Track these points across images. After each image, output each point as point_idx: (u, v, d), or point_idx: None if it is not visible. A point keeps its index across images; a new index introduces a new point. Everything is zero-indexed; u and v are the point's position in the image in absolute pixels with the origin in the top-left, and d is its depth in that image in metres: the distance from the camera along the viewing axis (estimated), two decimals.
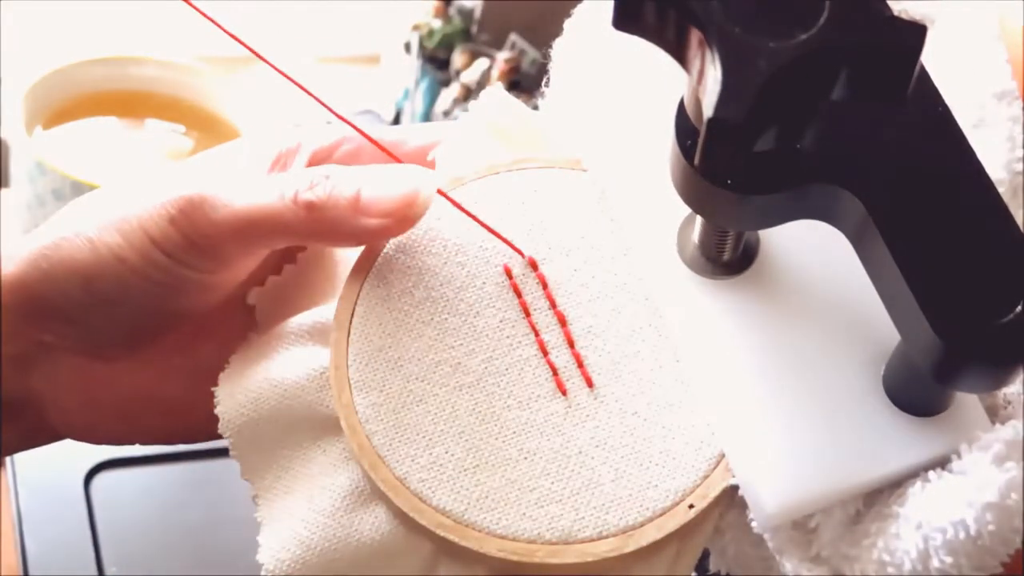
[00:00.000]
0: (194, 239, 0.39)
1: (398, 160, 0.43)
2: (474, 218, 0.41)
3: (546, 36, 0.45)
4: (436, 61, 1.19)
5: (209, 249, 0.40)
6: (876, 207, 0.33)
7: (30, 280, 0.41)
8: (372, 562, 0.38)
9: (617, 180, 0.42)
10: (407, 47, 1.22)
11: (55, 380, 0.43)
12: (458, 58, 1.16)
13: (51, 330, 0.42)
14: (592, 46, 0.43)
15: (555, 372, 0.39)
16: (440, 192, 0.41)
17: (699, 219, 0.39)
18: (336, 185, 0.39)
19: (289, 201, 0.39)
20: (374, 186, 0.39)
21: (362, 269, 0.41)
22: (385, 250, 0.41)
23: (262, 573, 0.38)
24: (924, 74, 0.34)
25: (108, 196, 0.42)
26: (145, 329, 0.42)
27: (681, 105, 0.35)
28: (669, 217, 0.40)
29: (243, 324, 0.44)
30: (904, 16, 0.32)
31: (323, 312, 0.41)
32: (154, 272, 0.40)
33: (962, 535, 0.32)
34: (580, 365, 0.39)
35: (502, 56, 1.12)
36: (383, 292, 0.40)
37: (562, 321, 0.40)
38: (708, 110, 0.31)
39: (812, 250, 0.39)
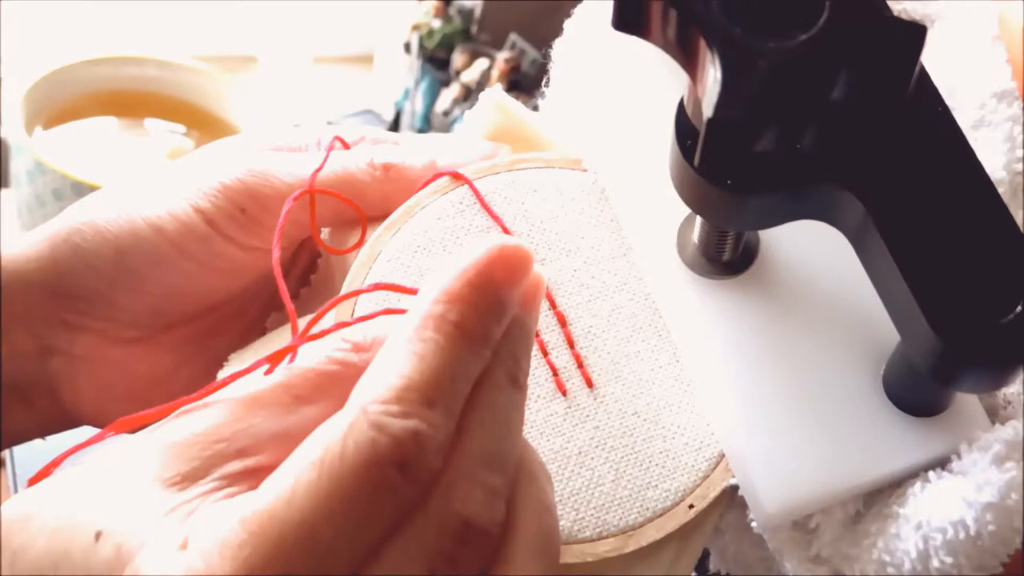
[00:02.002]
0: (247, 206, 0.41)
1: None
2: (490, 211, 0.41)
3: (546, 36, 0.45)
4: (436, 61, 1.19)
5: (261, 218, 0.41)
6: (876, 207, 0.33)
7: (59, 255, 0.41)
8: None
9: (617, 180, 0.42)
10: (407, 47, 1.22)
11: (72, 362, 0.43)
12: (458, 58, 1.16)
13: (74, 308, 0.42)
14: (592, 46, 0.43)
15: (555, 372, 0.39)
16: (465, 180, 0.41)
17: (699, 219, 0.39)
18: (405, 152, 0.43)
19: (366, 166, 0.42)
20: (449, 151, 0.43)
21: (362, 269, 0.41)
22: (385, 251, 0.41)
23: None
24: (924, 74, 0.34)
25: (148, 175, 0.43)
26: (166, 312, 0.43)
27: (681, 105, 0.35)
28: (669, 217, 0.40)
29: (257, 324, 0.44)
30: (904, 16, 0.32)
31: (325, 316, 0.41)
32: (190, 243, 0.41)
33: (962, 535, 0.32)
34: (580, 365, 0.39)
35: (502, 56, 1.12)
36: (383, 292, 0.40)
37: (562, 321, 0.40)
38: (708, 110, 0.31)
39: (812, 250, 0.39)
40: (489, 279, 0.30)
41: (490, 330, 0.30)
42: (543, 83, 0.45)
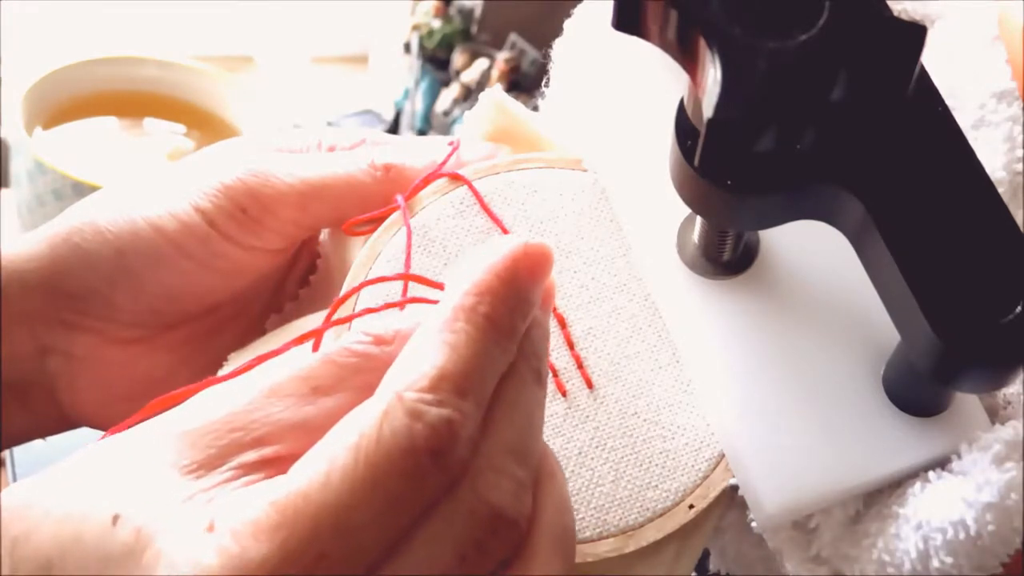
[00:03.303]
0: (247, 206, 0.41)
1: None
2: (489, 212, 0.41)
3: (546, 36, 0.45)
4: (436, 61, 1.19)
5: (261, 218, 0.41)
6: (876, 207, 0.33)
7: (59, 255, 0.41)
8: None
9: (617, 180, 0.42)
10: (407, 47, 1.22)
11: (71, 362, 0.43)
12: (458, 58, 1.16)
13: (74, 308, 0.42)
14: (592, 46, 0.43)
15: (555, 374, 0.39)
16: (465, 181, 0.41)
17: (699, 219, 0.39)
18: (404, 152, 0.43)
19: (367, 166, 0.42)
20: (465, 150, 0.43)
21: (362, 269, 0.41)
22: (384, 251, 0.41)
23: None
24: (924, 74, 0.34)
25: (149, 176, 0.43)
26: (166, 312, 0.43)
27: (681, 105, 0.35)
28: (669, 217, 0.40)
29: (256, 325, 0.45)
30: (904, 16, 0.32)
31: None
32: (190, 243, 0.41)
33: (962, 535, 0.32)
34: (580, 367, 0.39)
35: (502, 56, 1.12)
36: (383, 293, 0.40)
37: (562, 323, 0.40)
38: (708, 111, 0.31)
39: (812, 250, 0.39)
40: (516, 275, 0.31)
41: (516, 325, 0.31)
42: (543, 83, 0.45)
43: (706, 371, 0.38)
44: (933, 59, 0.41)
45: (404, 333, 0.32)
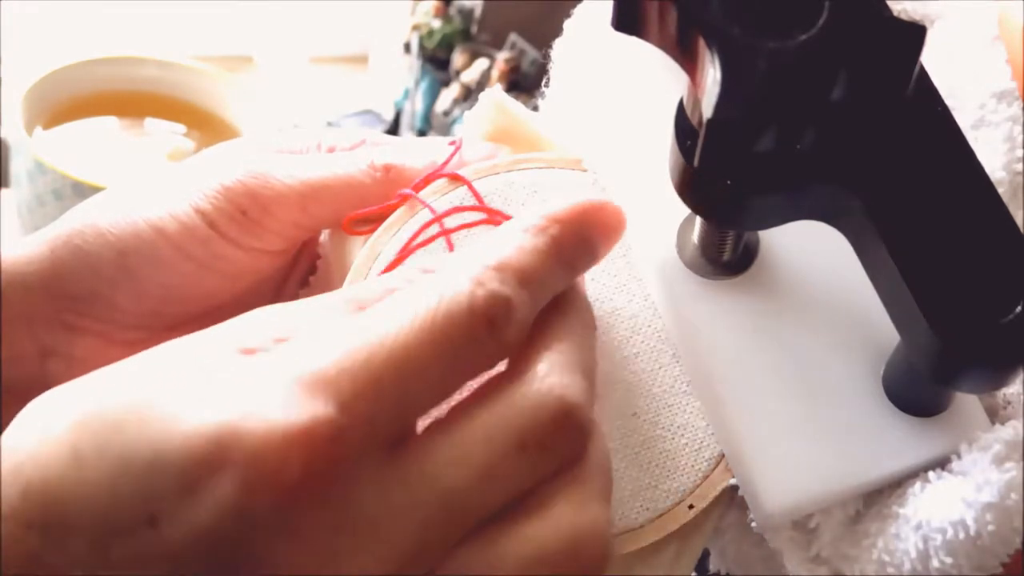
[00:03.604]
0: (247, 208, 0.41)
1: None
2: (488, 212, 0.41)
3: (546, 36, 0.45)
4: (436, 61, 1.19)
5: (261, 220, 0.41)
6: (876, 207, 0.33)
7: (60, 257, 0.41)
8: None
9: (617, 180, 0.42)
10: (407, 47, 1.22)
11: (72, 364, 0.43)
12: (458, 58, 1.16)
13: (75, 310, 0.42)
14: (592, 46, 0.43)
15: None
16: (464, 181, 0.42)
17: (699, 219, 0.39)
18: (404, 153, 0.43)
19: (366, 167, 0.42)
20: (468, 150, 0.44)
21: (362, 269, 0.41)
22: (384, 251, 0.41)
23: None
24: (924, 74, 0.34)
25: (150, 177, 0.43)
26: (167, 314, 0.43)
27: (681, 105, 0.35)
28: (669, 217, 0.40)
29: None
30: (904, 16, 0.32)
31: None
32: (191, 244, 0.41)
33: (962, 535, 0.32)
34: None
35: (502, 56, 1.12)
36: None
37: None
38: (707, 111, 0.31)
39: (812, 250, 0.39)
40: (587, 219, 0.33)
41: (577, 261, 0.33)
42: (543, 83, 0.45)
43: (705, 371, 0.38)
44: (933, 59, 0.41)
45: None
